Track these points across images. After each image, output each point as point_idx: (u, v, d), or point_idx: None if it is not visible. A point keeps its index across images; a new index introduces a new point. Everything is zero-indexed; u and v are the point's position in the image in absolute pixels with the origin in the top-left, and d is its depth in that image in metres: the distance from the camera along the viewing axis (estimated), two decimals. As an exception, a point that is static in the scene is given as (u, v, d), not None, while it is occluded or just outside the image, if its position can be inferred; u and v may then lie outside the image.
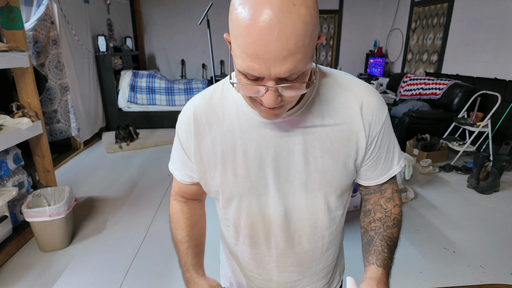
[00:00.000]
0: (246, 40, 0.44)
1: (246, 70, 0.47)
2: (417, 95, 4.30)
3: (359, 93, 0.62)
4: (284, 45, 0.43)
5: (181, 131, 0.68)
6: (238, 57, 0.47)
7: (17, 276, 1.82)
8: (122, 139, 4.05)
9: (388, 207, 0.69)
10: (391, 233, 0.66)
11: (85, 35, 4.07)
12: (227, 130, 0.63)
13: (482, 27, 3.75)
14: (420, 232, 2.27)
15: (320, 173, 0.62)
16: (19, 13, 2.09)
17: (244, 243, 0.71)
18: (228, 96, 0.64)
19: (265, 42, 0.43)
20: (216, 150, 0.64)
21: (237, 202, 0.66)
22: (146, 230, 2.29)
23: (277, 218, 0.65)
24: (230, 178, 0.64)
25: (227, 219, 0.71)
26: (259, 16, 0.42)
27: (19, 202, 2.14)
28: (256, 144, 0.61)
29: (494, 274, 1.84)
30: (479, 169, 2.92)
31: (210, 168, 0.66)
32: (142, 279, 1.82)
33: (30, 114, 2.16)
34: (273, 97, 0.49)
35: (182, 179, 0.73)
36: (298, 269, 0.71)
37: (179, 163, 0.72)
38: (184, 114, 0.68)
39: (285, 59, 0.44)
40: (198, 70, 6.30)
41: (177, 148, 0.71)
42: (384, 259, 0.62)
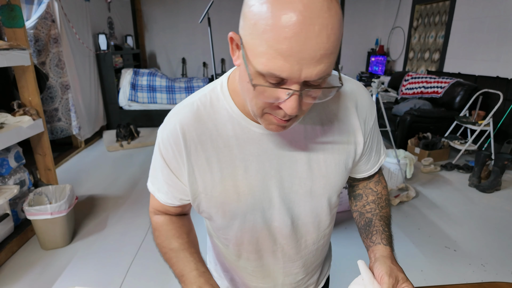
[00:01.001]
0: (280, 35, 0.38)
1: (272, 71, 0.41)
2: (418, 93, 4.28)
3: (352, 93, 0.62)
4: (323, 43, 0.39)
5: (167, 151, 0.59)
6: (263, 56, 0.41)
7: (18, 274, 1.82)
8: (123, 137, 4.05)
9: (378, 189, 0.73)
10: (386, 212, 0.70)
11: (86, 33, 4.07)
12: (223, 146, 0.57)
13: (484, 25, 3.73)
14: (421, 230, 2.26)
15: (324, 178, 0.61)
16: (20, 11, 2.09)
17: (249, 259, 0.67)
18: (219, 108, 0.58)
19: (304, 38, 0.38)
20: (213, 169, 0.58)
21: (240, 220, 0.61)
22: (147, 228, 2.30)
23: (284, 229, 0.63)
24: (232, 197, 0.59)
25: (227, 239, 0.66)
26: (297, 8, 0.38)
27: (20, 200, 2.15)
28: (257, 158, 0.58)
29: (495, 273, 1.84)
30: (480, 168, 2.91)
31: (207, 189, 0.59)
32: (144, 277, 1.82)
33: (31, 112, 2.17)
34: (296, 103, 0.44)
35: (169, 202, 0.65)
36: (303, 269, 0.71)
37: (164, 185, 0.63)
38: (168, 131, 0.58)
39: (320, 59, 0.40)
40: (199, 69, 6.29)
41: (161, 169, 0.62)
42: (387, 237, 0.65)
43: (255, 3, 0.41)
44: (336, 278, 1.08)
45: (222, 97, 0.58)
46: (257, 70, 0.43)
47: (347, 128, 0.61)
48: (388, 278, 0.56)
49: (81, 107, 3.86)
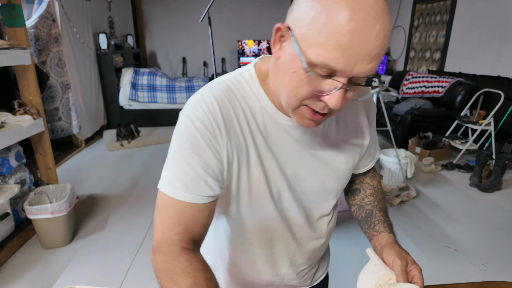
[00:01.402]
0: (344, 28, 0.40)
1: (327, 61, 0.42)
2: (419, 93, 4.27)
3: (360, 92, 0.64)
4: (379, 43, 0.41)
5: (204, 128, 0.53)
6: (319, 46, 0.42)
7: (19, 273, 1.82)
8: (123, 137, 4.06)
9: (374, 183, 0.77)
10: (383, 204, 0.74)
11: (86, 33, 4.07)
12: (257, 129, 0.57)
13: (486, 25, 3.73)
14: (422, 230, 2.26)
15: (335, 173, 0.65)
16: (20, 11, 2.09)
17: (261, 247, 0.67)
18: (250, 93, 0.57)
19: (366, 35, 0.40)
20: (249, 151, 0.56)
21: (263, 207, 0.61)
22: (147, 227, 2.30)
23: (299, 220, 0.65)
24: (261, 182, 0.58)
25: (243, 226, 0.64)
26: (364, 6, 0.40)
27: (21, 200, 2.15)
28: (281, 148, 0.59)
29: (495, 272, 1.83)
30: (481, 167, 2.91)
31: (241, 171, 0.57)
32: (144, 276, 1.82)
33: (32, 111, 2.17)
34: (341, 97, 0.45)
35: (208, 194, 0.54)
36: (307, 261, 0.73)
37: (202, 173, 0.53)
38: (202, 106, 0.54)
39: (374, 57, 0.42)
40: (199, 68, 6.29)
41: (196, 154, 0.53)
42: (389, 225, 0.69)
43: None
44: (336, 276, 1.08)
45: (252, 83, 0.58)
46: (310, 60, 0.43)
47: (356, 126, 0.65)
48: (400, 261, 0.59)
49: (81, 106, 3.86)
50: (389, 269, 0.60)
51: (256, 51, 5.96)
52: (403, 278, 0.57)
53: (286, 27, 0.47)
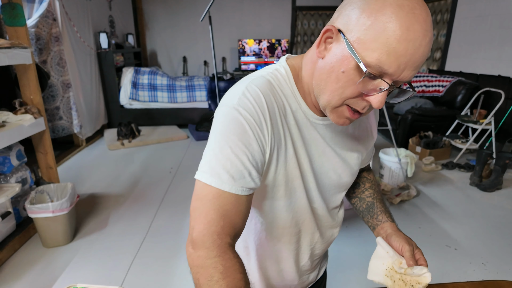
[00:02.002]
0: (402, 36, 0.44)
1: (381, 65, 0.46)
2: (420, 92, 4.27)
3: None
4: (426, 53, 0.47)
5: (252, 120, 0.53)
6: (376, 50, 0.46)
7: (20, 272, 1.83)
8: (124, 136, 4.06)
9: (371, 177, 0.84)
10: (381, 195, 0.81)
11: (87, 32, 4.07)
12: (294, 123, 0.60)
13: (486, 24, 3.72)
14: (422, 229, 2.26)
15: (350, 169, 0.70)
16: (21, 10, 2.09)
17: (290, 242, 0.69)
18: (287, 89, 0.60)
19: (418, 45, 0.45)
20: (287, 142, 0.59)
21: (295, 199, 0.64)
22: (148, 226, 2.30)
23: (322, 210, 0.70)
24: (295, 174, 0.61)
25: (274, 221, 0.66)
26: (420, 19, 0.45)
27: (22, 198, 2.16)
28: (310, 142, 0.63)
29: (496, 272, 1.84)
30: (482, 167, 2.91)
31: (279, 164, 0.59)
32: (144, 275, 1.83)
33: (33, 110, 2.17)
34: (384, 98, 0.50)
35: (251, 186, 0.54)
36: (323, 250, 0.78)
37: (247, 164, 0.53)
38: (248, 97, 0.54)
39: (419, 65, 0.47)
40: (200, 67, 6.29)
41: (243, 144, 0.53)
42: (390, 215, 0.76)
43: (376, 3, 0.46)
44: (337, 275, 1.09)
45: (288, 80, 0.61)
46: (365, 62, 0.47)
47: (367, 126, 0.72)
48: (408, 246, 0.66)
49: (82, 105, 3.87)
50: (399, 254, 0.67)
51: (257, 50, 5.96)
52: (413, 262, 0.64)
53: (336, 29, 0.50)
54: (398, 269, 0.65)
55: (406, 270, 0.64)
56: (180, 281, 1.78)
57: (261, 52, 5.98)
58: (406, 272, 0.64)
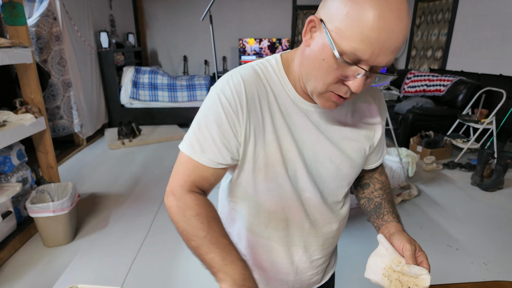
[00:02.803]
0: (374, 24, 0.46)
1: (356, 52, 0.49)
2: (421, 91, 4.26)
3: (374, 91, 0.72)
4: (401, 38, 0.48)
5: (228, 104, 0.60)
6: (351, 38, 0.48)
7: (21, 271, 1.83)
8: (124, 135, 4.06)
9: (383, 178, 0.82)
10: (391, 197, 0.79)
11: (88, 31, 4.06)
12: (277, 110, 0.63)
13: (488, 23, 3.71)
14: (423, 229, 2.26)
15: (349, 160, 0.69)
16: (22, 9, 2.09)
17: (277, 228, 0.71)
18: (275, 78, 0.64)
19: (391, 31, 0.47)
20: (266, 130, 0.62)
21: (278, 185, 0.65)
22: (149, 225, 2.30)
23: (314, 200, 0.69)
24: (278, 160, 0.63)
25: (259, 205, 0.68)
26: (392, 6, 0.47)
27: (23, 198, 2.16)
28: (300, 130, 0.64)
29: (497, 272, 1.83)
30: (483, 166, 2.90)
31: (257, 149, 0.62)
32: (145, 274, 1.83)
33: (34, 110, 2.17)
34: (362, 83, 0.52)
35: (219, 161, 0.62)
36: (321, 248, 0.76)
37: (217, 142, 0.61)
38: (230, 85, 0.61)
39: (394, 51, 0.49)
40: (200, 67, 6.28)
41: (217, 124, 0.60)
42: (397, 216, 0.74)
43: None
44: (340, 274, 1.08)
45: (277, 69, 0.65)
46: (341, 50, 0.50)
47: (369, 118, 0.71)
48: (409, 245, 0.63)
49: (82, 105, 3.86)
50: (399, 254, 0.64)
51: (257, 49, 5.95)
52: (413, 262, 0.61)
53: (319, 19, 0.53)
54: (395, 267, 0.62)
55: (403, 268, 0.61)
56: (182, 280, 1.78)
57: (262, 51, 5.97)
58: (403, 270, 0.61)
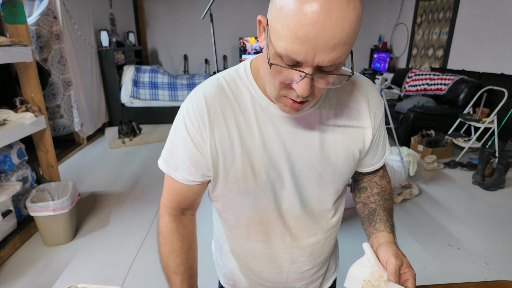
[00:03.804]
0: (300, 21, 0.42)
1: (289, 53, 0.45)
2: (422, 90, 4.25)
3: (364, 88, 0.65)
4: (338, 33, 0.42)
5: (191, 123, 0.60)
6: (283, 39, 0.44)
7: (21, 270, 1.83)
8: (125, 134, 4.05)
9: (383, 183, 0.75)
10: (389, 205, 0.72)
11: (88, 30, 4.06)
12: (244, 123, 0.60)
13: (489, 22, 3.69)
14: (424, 228, 2.25)
15: (333, 165, 0.64)
16: (22, 7, 2.08)
17: (257, 240, 0.69)
18: (242, 88, 0.61)
19: (321, 26, 0.41)
20: (234, 144, 0.60)
21: (253, 198, 0.63)
22: (149, 224, 2.30)
23: (293, 212, 0.66)
24: (249, 174, 0.61)
25: (237, 218, 0.67)
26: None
27: (23, 197, 2.15)
28: (274, 139, 0.60)
29: (499, 271, 1.83)
30: (484, 166, 2.89)
31: (226, 164, 0.61)
32: (146, 274, 1.82)
33: (34, 109, 2.16)
34: (307, 86, 0.47)
35: (190, 179, 0.63)
36: (309, 259, 0.72)
37: (186, 161, 0.62)
38: (192, 103, 0.60)
39: (334, 47, 0.43)
40: (201, 65, 6.28)
41: (184, 144, 0.61)
42: (391, 226, 0.67)
43: None
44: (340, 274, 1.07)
45: (245, 78, 0.61)
46: (277, 51, 0.46)
47: (357, 120, 0.64)
48: (394, 260, 0.57)
49: (83, 103, 3.86)
50: (382, 267, 0.58)
51: (258, 48, 5.94)
52: (395, 278, 0.54)
53: (265, 19, 0.50)
54: (374, 281, 0.56)
55: (380, 284, 0.55)
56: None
57: (262, 50, 5.97)
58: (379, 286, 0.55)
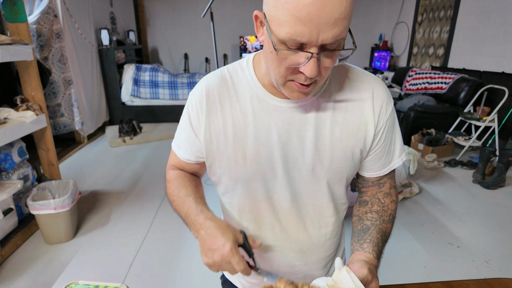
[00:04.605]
0: (300, 2, 0.43)
1: (293, 37, 0.46)
2: (422, 89, 4.25)
3: (369, 84, 0.64)
4: (338, 8, 0.44)
5: (192, 108, 0.66)
6: (285, 24, 0.46)
7: (22, 268, 1.84)
8: (125, 133, 4.06)
9: (386, 201, 0.70)
10: (385, 228, 0.67)
11: (88, 29, 4.06)
12: (240, 112, 0.63)
13: (490, 20, 3.68)
14: (424, 227, 2.25)
15: (328, 160, 0.63)
16: (22, 6, 2.08)
17: (248, 228, 0.70)
18: (242, 79, 0.64)
19: (320, 4, 0.43)
20: (227, 131, 0.63)
21: (244, 186, 0.65)
22: (150, 223, 2.30)
23: (284, 203, 0.66)
24: (240, 161, 0.63)
25: (231, 203, 0.70)
26: None
27: (24, 195, 2.16)
28: (268, 129, 0.62)
29: (498, 269, 1.83)
30: (485, 164, 2.89)
31: (219, 150, 0.64)
32: (146, 272, 1.83)
33: (34, 107, 2.17)
34: (315, 66, 0.48)
35: (187, 158, 0.71)
36: (299, 255, 0.71)
37: (185, 142, 0.69)
38: (196, 91, 0.67)
39: (335, 23, 0.45)
40: (201, 64, 6.27)
41: (185, 126, 0.68)
42: (379, 251, 0.63)
43: None
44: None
45: (246, 69, 0.65)
46: (280, 39, 0.48)
47: (359, 116, 0.63)
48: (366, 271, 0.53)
49: (83, 102, 3.86)
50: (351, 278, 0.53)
51: (258, 47, 5.93)
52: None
53: (262, 13, 0.52)
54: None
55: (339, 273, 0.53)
56: (182, 277, 1.78)
57: (263, 45, 5.97)
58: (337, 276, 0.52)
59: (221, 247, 0.54)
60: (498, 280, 0.82)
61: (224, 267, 0.55)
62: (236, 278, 0.82)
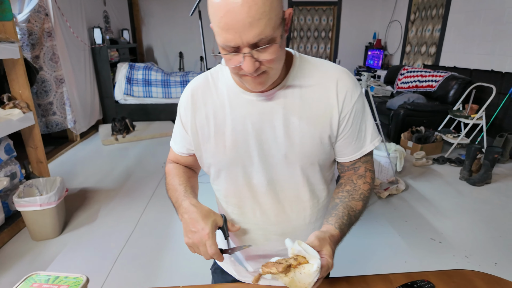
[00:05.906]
0: (219, 15, 0.52)
1: (225, 43, 0.55)
2: (413, 87, 4.27)
3: (334, 74, 0.70)
4: (247, 13, 0.51)
5: (182, 107, 0.76)
6: (217, 34, 0.56)
7: (9, 264, 1.86)
8: (118, 131, 4.08)
9: (358, 182, 0.74)
10: (355, 205, 0.71)
11: (81, 27, 4.07)
12: (219, 106, 0.71)
13: (480, 19, 3.71)
14: (408, 223, 2.28)
15: (298, 146, 0.69)
16: (8, 4, 2.09)
17: (233, 212, 0.78)
18: (221, 78, 0.73)
19: (233, 13, 0.51)
20: (209, 123, 0.72)
21: (226, 172, 0.74)
22: (137, 220, 2.33)
23: (261, 188, 0.72)
24: (221, 150, 0.71)
25: (219, 190, 0.79)
26: None
27: (11, 192, 2.18)
28: (243, 120, 0.69)
29: (478, 264, 1.85)
30: (471, 161, 2.92)
31: (204, 140, 0.74)
32: (131, 266, 1.85)
33: (22, 105, 2.18)
34: (251, 63, 0.56)
35: (180, 151, 0.81)
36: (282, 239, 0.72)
37: (178, 137, 0.80)
38: (184, 92, 0.77)
39: (251, 25, 0.52)
40: (196, 63, 6.28)
41: (178, 124, 0.79)
42: (342, 224, 0.66)
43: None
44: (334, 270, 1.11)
45: (225, 70, 0.73)
46: (220, 46, 0.58)
47: (324, 104, 0.69)
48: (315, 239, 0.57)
49: (76, 101, 3.88)
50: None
51: (253, 45, 5.95)
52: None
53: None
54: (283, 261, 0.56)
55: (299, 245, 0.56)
56: (167, 273, 1.81)
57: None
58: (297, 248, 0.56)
59: (200, 230, 0.63)
60: (458, 271, 0.84)
61: (200, 248, 0.64)
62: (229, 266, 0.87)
